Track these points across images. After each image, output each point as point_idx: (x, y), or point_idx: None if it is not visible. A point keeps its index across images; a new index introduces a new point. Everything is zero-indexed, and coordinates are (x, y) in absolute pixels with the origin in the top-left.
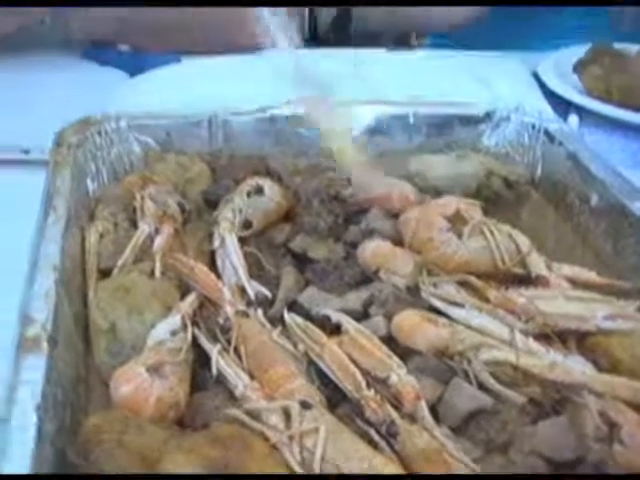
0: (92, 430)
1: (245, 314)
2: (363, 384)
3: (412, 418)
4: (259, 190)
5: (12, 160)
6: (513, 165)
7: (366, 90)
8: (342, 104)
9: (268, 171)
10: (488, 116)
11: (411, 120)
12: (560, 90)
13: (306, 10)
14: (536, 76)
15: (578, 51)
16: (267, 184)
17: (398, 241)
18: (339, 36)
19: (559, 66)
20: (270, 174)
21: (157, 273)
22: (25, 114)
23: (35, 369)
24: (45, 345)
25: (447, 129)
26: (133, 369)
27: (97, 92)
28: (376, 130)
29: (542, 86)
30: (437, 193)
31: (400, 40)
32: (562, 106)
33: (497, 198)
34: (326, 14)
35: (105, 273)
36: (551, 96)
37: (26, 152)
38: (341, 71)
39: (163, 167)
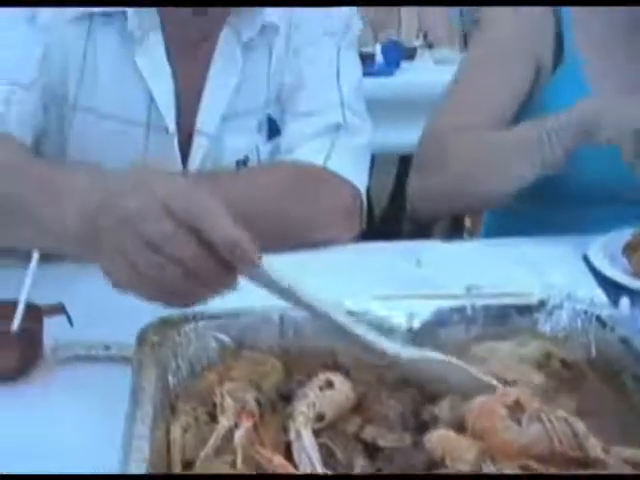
0: None
1: None
2: None
3: None
4: (330, 384)
5: (95, 356)
6: (570, 347)
7: (423, 282)
8: (400, 298)
9: (336, 365)
10: (542, 304)
11: (469, 312)
12: (610, 273)
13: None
14: (586, 259)
15: (626, 233)
16: (338, 379)
17: (461, 428)
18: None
19: (608, 249)
20: (339, 368)
21: (239, 465)
22: (105, 315)
23: None
24: None
25: (503, 319)
26: None
27: None
28: (435, 322)
29: (592, 269)
30: (498, 379)
31: (454, 223)
32: (613, 288)
33: (556, 378)
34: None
35: (188, 464)
36: (602, 279)
37: (107, 348)
38: (397, 264)
39: (238, 363)
